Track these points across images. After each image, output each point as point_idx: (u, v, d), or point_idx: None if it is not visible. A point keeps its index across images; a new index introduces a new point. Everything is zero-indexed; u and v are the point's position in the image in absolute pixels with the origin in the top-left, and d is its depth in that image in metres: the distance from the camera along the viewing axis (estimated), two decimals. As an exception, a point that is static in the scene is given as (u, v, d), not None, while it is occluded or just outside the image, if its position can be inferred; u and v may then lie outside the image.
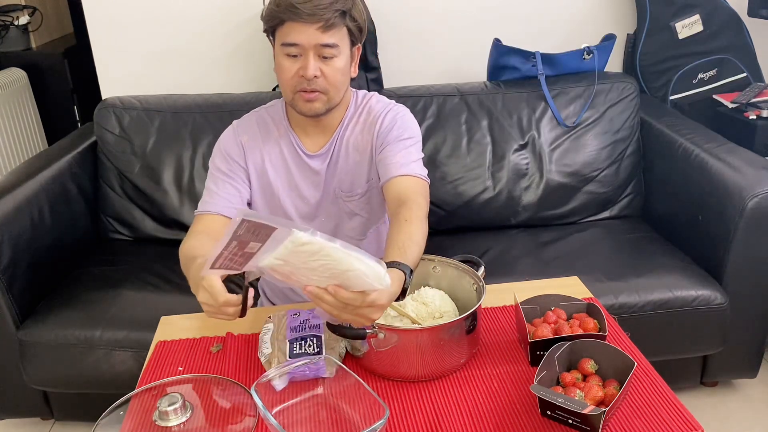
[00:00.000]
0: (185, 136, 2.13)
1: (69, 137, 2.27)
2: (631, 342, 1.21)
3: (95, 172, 2.18)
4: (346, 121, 1.43)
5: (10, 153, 2.82)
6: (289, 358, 1.12)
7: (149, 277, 1.92)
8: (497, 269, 1.85)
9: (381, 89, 2.25)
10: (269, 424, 0.96)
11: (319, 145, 1.44)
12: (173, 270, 1.92)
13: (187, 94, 2.23)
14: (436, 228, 2.10)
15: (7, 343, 1.74)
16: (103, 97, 2.30)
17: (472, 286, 1.23)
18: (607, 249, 2.01)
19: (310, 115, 1.35)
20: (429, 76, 2.35)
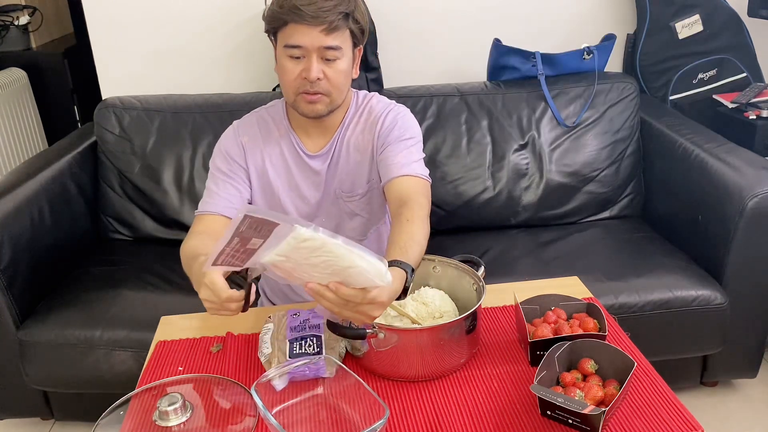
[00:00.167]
0: (185, 136, 2.13)
1: (69, 137, 2.27)
2: (631, 342, 1.21)
3: (95, 172, 2.18)
4: (346, 122, 1.43)
5: (10, 153, 2.82)
6: (289, 358, 1.13)
7: (149, 277, 1.92)
8: (497, 269, 1.85)
9: (381, 89, 2.25)
10: (269, 424, 0.96)
11: (320, 145, 1.44)
12: (173, 270, 1.92)
13: (187, 94, 2.23)
14: (436, 228, 2.10)
15: (7, 343, 1.74)
16: (103, 97, 2.30)
17: (472, 286, 1.23)
18: (607, 249, 2.01)
19: (312, 116, 1.36)
20: (429, 76, 2.35)
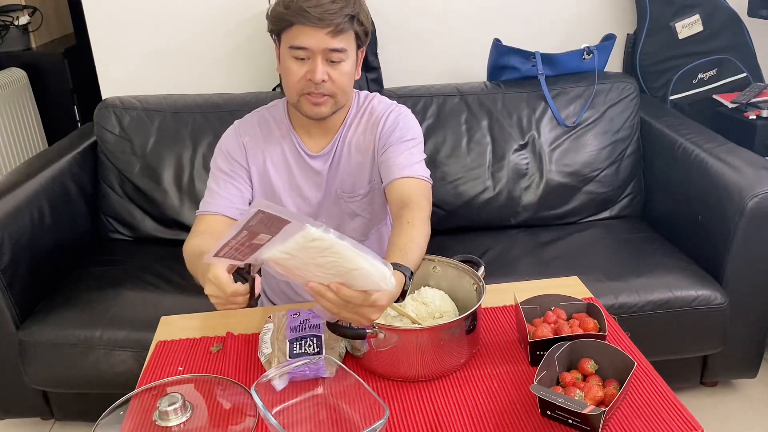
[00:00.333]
0: (185, 136, 2.13)
1: (69, 137, 2.27)
2: (631, 342, 1.21)
3: (95, 172, 2.18)
4: (348, 122, 1.43)
5: (10, 153, 2.82)
6: (289, 358, 1.12)
7: (149, 277, 1.92)
8: (497, 269, 1.85)
9: (381, 89, 2.25)
10: (269, 424, 0.96)
11: (321, 145, 1.44)
12: (173, 270, 1.92)
13: (187, 94, 2.23)
14: (436, 228, 2.08)
15: (7, 343, 1.74)
16: (103, 97, 2.30)
17: (472, 286, 1.23)
18: (607, 249, 2.01)
19: (316, 118, 1.36)
20: (429, 76, 2.35)
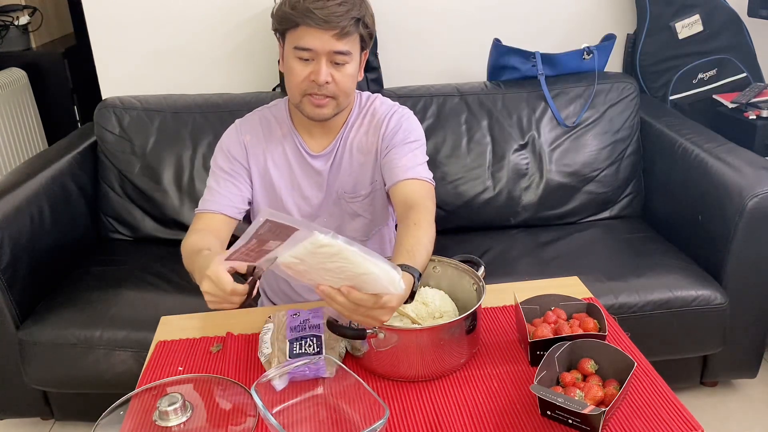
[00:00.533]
0: (185, 136, 2.13)
1: (69, 137, 2.27)
2: (631, 342, 1.21)
3: (95, 172, 2.18)
4: (350, 123, 1.43)
5: (10, 153, 2.82)
6: (289, 358, 1.13)
7: (149, 277, 1.92)
8: (497, 269, 1.85)
9: (381, 89, 2.25)
10: (269, 424, 0.96)
11: (323, 145, 1.44)
12: (173, 270, 1.92)
13: (187, 94, 2.23)
14: (436, 228, 2.10)
15: (7, 343, 1.74)
16: (103, 97, 2.30)
17: (472, 286, 1.23)
18: (607, 249, 2.01)
19: (317, 119, 1.36)
20: (429, 76, 2.35)
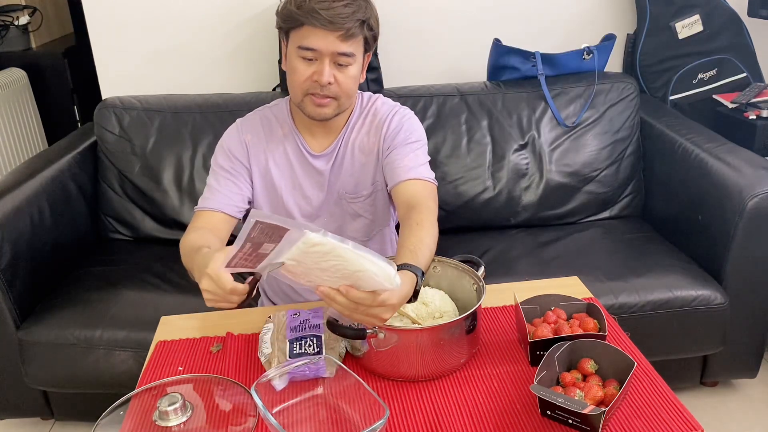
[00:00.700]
0: (185, 136, 2.13)
1: (69, 137, 2.27)
2: (631, 342, 1.21)
3: (95, 172, 2.18)
4: (351, 123, 1.44)
5: (10, 153, 2.82)
6: (289, 358, 1.13)
7: (149, 277, 1.92)
8: (497, 269, 1.86)
9: (381, 89, 2.25)
10: (269, 424, 0.96)
11: (324, 145, 1.44)
12: (173, 270, 1.92)
13: (187, 94, 2.23)
14: (436, 228, 2.11)
15: (7, 343, 1.74)
16: (103, 97, 2.30)
17: (472, 286, 1.23)
18: (607, 249, 2.01)
19: (319, 119, 1.36)
20: (429, 76, 2.35)
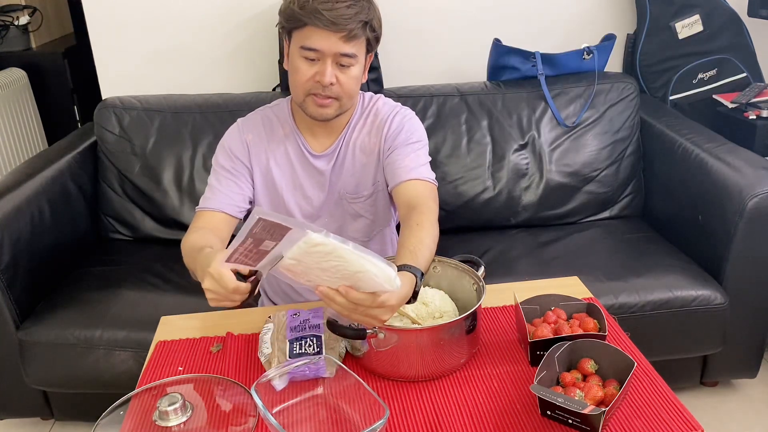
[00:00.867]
0: (185, 136, 2.13)
1: (69, 137, 2.27)
2: (631, 342, 1.21)
3: (95, 172, 2.18)
4: (352, 123, 1.44)
5: (10, 153, 2.82)
6: (289, 358, 1.13)
7: (149, 277, 1.92)
8: (497, 269, 1.86)
9: (381, 89, 2.25)
10: (269, 424, 0.96)
11: (325, 145, 1.44)
12: (173, 270, 1.92)
13: (187, 94, 2.23)
14: (436, 228, 2.11)
15: (7, 343, 1.74)
16: (103, 97, 2.30)
17: (472, 286, 1.23)
18: (607, 249, 2.01)
19: (320, 119, 1.36)
20: (429, 76, 2.35)
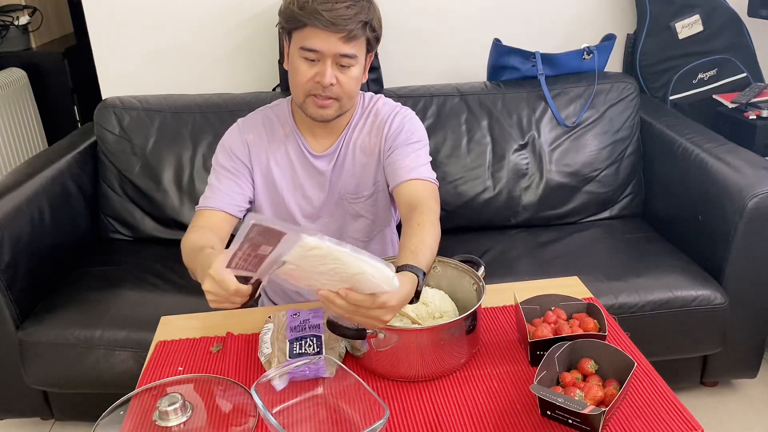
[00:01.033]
0: (185, 136, 2.13)
1: (69, 137, 2.27)
2: (631, 342, 1.21)
3: (95, 172, 2.18)
4: (353, 124, 1.44)
5: (10, 153, 2.82)
6: (289, 358, 1.13)
7: (149, 277, 1.92)
8: (497, 269, 1.85)
9: (381, 89, 2.25)
10: (269, 424, 0.96)
11: (325, 146, 1.44)
12: (173, 270, 1.92)
13: (187, 94, 2.23)
14: (436, 228, 2.11)
15: (7, 343, 1.74)
16: (103, 97, 2.30)
17: (472, 286, 1.23)
18: (607, 249, 2.01)
19: (320, 120, 1.36)
20: (429, 76, 2.35)
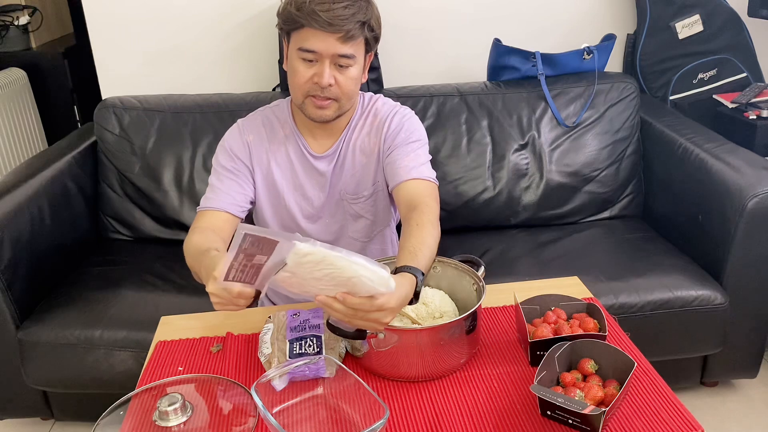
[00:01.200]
0: (185, 136, 2.13)
1: (69, 137, 2.27)
2: (631, 342, 1.21)
3: (95, 172, 2.18)
4: (353, 124, 1.44)
5: (10, 153, 2.82)
6: (289, 358, 1.13)
7: (149, 277, 1.92)
8: (497, 269, 1.85)
9: (381, 89, 2.25)
10: (269, 424, 0.96)
11: (326, 146, 1.44)
12: (173, 270, 1.92)
13: (187, 94, 2.23)
14: (436, 228, 2.11)
15: (7, 343, 1.74)
16: (103, 97, 2.30)
17: (472, 286, 1.23)
18: (607, 249, 2.01)
19: (319, 121, 1.36)
20: (429, 76, 2.35)
